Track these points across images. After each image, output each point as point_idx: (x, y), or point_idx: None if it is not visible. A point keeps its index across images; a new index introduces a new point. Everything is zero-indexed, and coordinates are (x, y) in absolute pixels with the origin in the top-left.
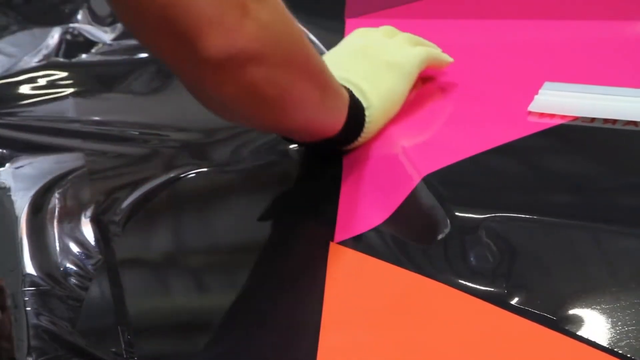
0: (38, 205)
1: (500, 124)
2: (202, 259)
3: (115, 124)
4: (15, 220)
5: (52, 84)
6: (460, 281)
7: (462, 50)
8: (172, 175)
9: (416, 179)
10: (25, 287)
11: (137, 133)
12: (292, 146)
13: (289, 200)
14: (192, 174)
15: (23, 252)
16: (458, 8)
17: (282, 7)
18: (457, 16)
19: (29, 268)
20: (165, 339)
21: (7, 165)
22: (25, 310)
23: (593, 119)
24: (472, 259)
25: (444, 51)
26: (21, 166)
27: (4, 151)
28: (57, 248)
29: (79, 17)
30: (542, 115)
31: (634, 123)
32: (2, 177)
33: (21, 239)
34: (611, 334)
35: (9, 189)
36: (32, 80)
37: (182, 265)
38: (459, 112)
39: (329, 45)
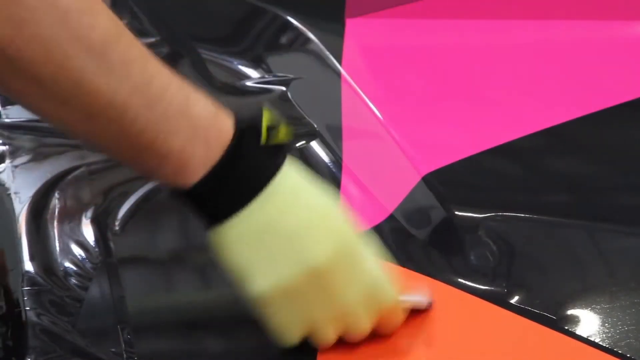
0: (38, 205)
1: (500, 123)
2: (202, 259)
3: None
4: (15, 219)
5: None
6: (460, 280)
7: (462, 50)
8: None
9: (416, 178)
10: (25, 287)
11: None
12: (294, 146)
13: None
14: None
15: (23, 251)
16: (458, 8)
17: None
18: (457, 16)
19: (29, 267)
20: (165, 338)
21: (8, 164)
22: (25, 310)
23: None
24: (472, 258)
25: (444, 51)
26: (21, 165)
27: (5, 150)
28: (57, 248)
29: None
30: None
31: None
32: (2, 176)
33: (21, 238)
34: (611, 333)
35: (9, 188)
36: None
37: (182, 264)
38: (459, 111)
39: (329, 45)
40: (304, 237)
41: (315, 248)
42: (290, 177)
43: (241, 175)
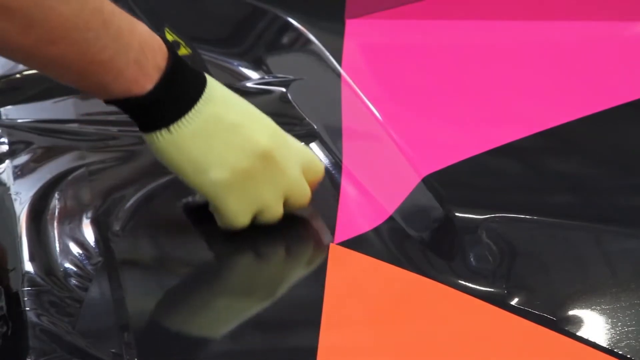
0: (38, 205)
1: (500, 124)
2: (202, 260)
3: (115, 123)
4: (15, 219)
5: (52, 84)
6: (460, 282)
7: (463, 51)
8: (172, 175)
9: (416, 180)
10: (25, 287)
11: (137, 133)
12: None
13: None
14: None
15: (23, 251)
16: (459, 9)
17: None
18: (458, 17)
19: (29, 268)
20: (165, 339)
21: (8, 164)
22: (25, 310)
23: None
24: (472, 259)
25: (444, 51)
26: (21, 165)
27: (5, 150)
28: (57, 248)
29: None
30: None
31: None
32: (2, 176)
33: (21, 239)
34: (611, 334)
35: (9, 189)
36: (32, 79)
37: (182, 265)
38: (459, 112)
39: (329, 45)
40: (248, 127)
41: (259, 135)
42: (216, 82)
43: (185, 79)
